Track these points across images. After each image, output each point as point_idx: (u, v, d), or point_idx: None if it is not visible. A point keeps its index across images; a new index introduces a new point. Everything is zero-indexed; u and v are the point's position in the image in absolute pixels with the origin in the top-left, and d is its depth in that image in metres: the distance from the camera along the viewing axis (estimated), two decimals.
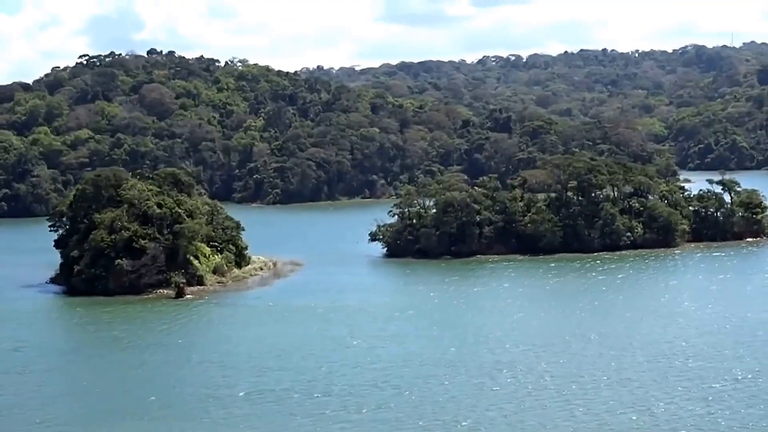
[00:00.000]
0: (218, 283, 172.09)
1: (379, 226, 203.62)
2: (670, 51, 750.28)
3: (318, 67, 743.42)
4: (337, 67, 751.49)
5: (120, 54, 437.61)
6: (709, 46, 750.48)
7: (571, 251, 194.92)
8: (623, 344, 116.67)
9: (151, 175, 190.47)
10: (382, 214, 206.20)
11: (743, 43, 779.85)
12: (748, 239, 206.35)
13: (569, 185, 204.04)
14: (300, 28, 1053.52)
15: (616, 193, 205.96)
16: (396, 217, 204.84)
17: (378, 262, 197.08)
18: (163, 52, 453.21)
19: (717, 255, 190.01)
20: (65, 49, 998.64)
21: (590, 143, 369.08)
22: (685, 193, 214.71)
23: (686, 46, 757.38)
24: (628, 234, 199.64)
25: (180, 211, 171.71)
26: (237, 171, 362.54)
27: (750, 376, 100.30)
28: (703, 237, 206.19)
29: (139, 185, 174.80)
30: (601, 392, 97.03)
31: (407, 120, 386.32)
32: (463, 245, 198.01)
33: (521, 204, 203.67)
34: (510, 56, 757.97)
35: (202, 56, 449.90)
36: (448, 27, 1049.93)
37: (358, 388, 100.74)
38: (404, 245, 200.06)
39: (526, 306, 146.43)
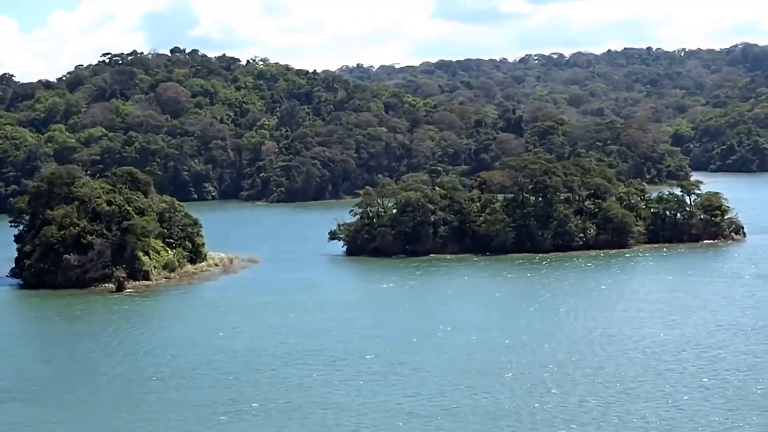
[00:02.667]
0: (165, 278, 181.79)
1: (339, 226, 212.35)
2: (717, 50, 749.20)
3: (358, 65, 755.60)
4: (387, 65, 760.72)
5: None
6: (762, 44, 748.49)
7: (524, 251, 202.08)
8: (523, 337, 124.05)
9: (107, 174, 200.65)
10: None
11: None
12: (706, 241, 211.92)
13: (526, 186, 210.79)
14: (355, 27, 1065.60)
15: (573, 195, 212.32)
16: (357, 216, 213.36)
17: (335, 260, 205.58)
18: (186, 51, 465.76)
19: (657, 256, 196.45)
20: (121, 45, 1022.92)
21: (600, 144, 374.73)
22: (646, 196, 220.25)
23: (737, 45, 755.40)
24: (581, 235, 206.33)
25: (129, 208, 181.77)
26: (247, 169, 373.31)
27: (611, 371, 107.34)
28: (660, 238, 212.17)
29: (91, 183, 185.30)
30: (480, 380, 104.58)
31: (418, 120, 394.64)
32: (418, 244, 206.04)
33: (478, 204, 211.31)
34: (552, 54, 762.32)
35: (224, 54, 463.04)
36: (502, 24, 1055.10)
37: (217, 374, 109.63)
38: (362, 244, 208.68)
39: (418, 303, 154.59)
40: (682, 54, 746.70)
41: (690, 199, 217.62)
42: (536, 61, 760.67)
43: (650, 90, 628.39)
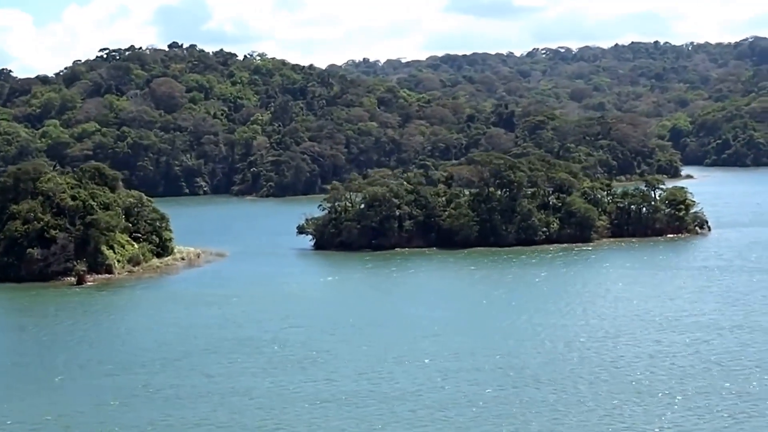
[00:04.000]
0: (128, 272, 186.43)
1: (307, 220, 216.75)
2: (725, 44, 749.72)
3: (364, 59, 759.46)
4: (394, 59, 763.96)
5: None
6: None
7: (487, 245, 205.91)
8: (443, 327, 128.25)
9: (74, 170, 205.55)
10: None
11: None
12: (669, 235, 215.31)
13: (491, 181, 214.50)
14: (369, 20, 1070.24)
15: (538, 190, 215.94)
16: (325, 211, 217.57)
17: (302, 254, 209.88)
18: (184, 46, 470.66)
19: (613, 249, 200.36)
20: (134, 40, 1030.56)
21: (590, 138, 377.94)
22: (611, 190, 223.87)
23: (746, 39, 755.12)
24: (545, 229, 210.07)
25: (93, 203, 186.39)
26: (239, 164, 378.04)
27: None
28: (625, 233, 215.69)
29: (56, 179, 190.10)
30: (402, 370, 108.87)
31: (411, 115, 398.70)
32: (384, 238, 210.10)
33: (443, 199, 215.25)
34: (560, 48, 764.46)
35: (221, 50, 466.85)
36: (517, 18, 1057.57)
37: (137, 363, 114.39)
38: (329, 238, 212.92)
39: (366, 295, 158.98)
40: (690, 48, 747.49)
41: (655, 194, 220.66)
42: (543, 56, 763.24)
43: (654, 84, 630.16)
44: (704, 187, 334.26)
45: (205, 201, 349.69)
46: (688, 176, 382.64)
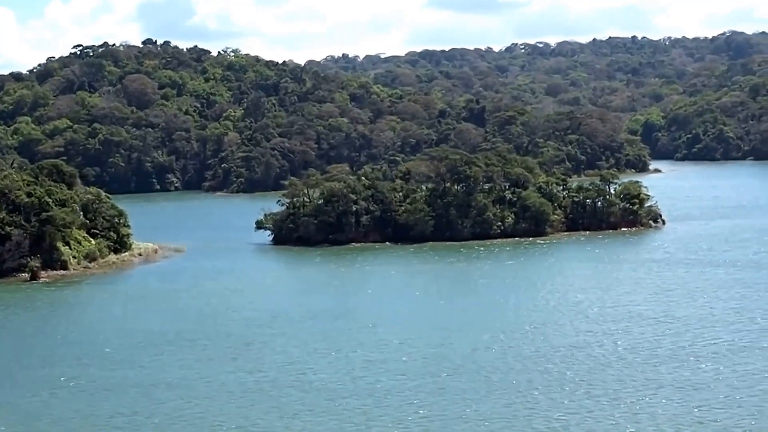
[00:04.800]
0: (84, 268, 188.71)
1: (265, 215, 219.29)
2: (702, 38, 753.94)
3: (344, 55, 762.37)
4: (373, 55, 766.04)
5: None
6: (749, 32, 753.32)
7: (443, 239, 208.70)
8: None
9: (33, 167, 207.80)
10: None
11: None
12: (623, 229, 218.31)
13: (447, 177, 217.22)
14: (353, 15, 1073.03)
15: (494, 185, 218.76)
16: (284, 206, 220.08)
17: (260, 249, 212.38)
18: (158, 42, 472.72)
19: (563, 243, 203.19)
20: (116, 36, 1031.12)
21: (559, 134, 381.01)
22: (567, 185, 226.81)
23: (723, 33, 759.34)
24: (500, 223, 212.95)
25: (49, 200, 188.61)
26: (210, 160, 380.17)
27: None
28: (579, 226, 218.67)
29: (12, 176, 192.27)
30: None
31: (382, 110, 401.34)
32: (341, 233, 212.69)
33: (400, 194, 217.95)
34: (538, 43, 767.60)
35: (195, 46, 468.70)
36: (500, 13, 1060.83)
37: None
38: (287, 233, 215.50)
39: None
40: (667, 43, 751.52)
41: (610, 189, 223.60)
42: (522, 51, 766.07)
43: (630, 79, 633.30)
44: (670, 181, 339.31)
45: (176, 197, 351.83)
46: (656, 170, 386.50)
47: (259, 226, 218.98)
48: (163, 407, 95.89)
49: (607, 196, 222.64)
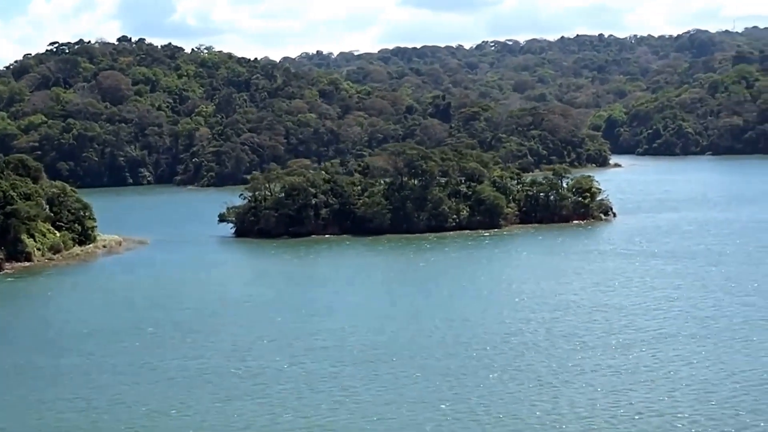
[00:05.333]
0: (48, 260, 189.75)
1: (228, 209, 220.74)
2: (667, 36, 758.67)
3: (318, 52, 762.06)
4: (347, 52, 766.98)
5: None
6: (712, 31, 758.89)
7: (400, 232, 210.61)
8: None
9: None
10: None
11: (745, 28, 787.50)
12: (575, 221, 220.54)
13: (404, 171, 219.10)
14: (330, 13, 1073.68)
15: (450, 179, 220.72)
16: (246, 200, 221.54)
17: (223, 241, 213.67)
18: (133, 40, 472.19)
19: (520, 235, 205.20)
20: (99, 33, 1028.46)
21: (522, 129, 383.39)
22: (521, 179, 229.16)
23: (688, 31, 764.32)
24: (455, 216, 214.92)
25: (13, 194, 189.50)
26: (182, 155, 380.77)
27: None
28: (533, 219, 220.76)
29: None
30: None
31: (350, 106, 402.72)
32: (301, 226, 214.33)
33: (358, 188, 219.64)
34: (508, 41, 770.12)
35: (170, 43, 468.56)
36: (473, 11, 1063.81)
37: None
38: (248, 226, 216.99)
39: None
40: (633, 41, 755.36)
41: (562, 183, 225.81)
42: (492, 48, 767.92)
43: (596, 76, 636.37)
44: (627, 175, 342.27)
45: (147, 191, 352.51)
46: (617, 165, 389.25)
47: (222, 219, 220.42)
48: (106, 392, 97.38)
49: (560, 190, 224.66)
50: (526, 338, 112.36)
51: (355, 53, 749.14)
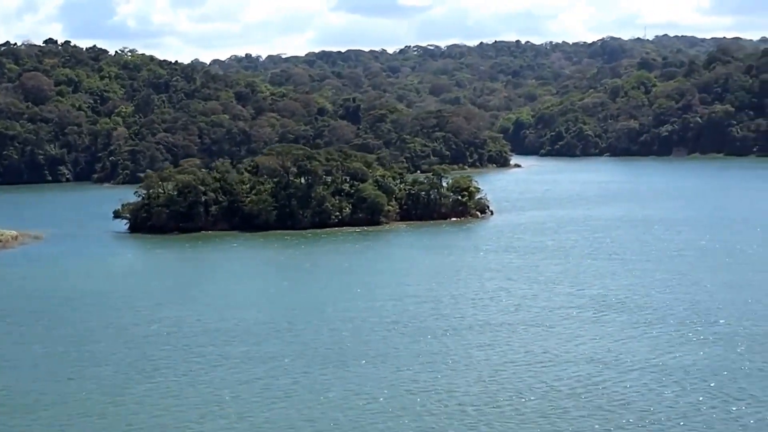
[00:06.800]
0: None
1: (122, 205, 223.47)
2: (581, 43, 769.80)
3: (247, 55, 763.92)
4: (275, 55, 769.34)
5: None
6: (625, 38, 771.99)
7: (285, 228, 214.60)
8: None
9: None
10: None
11: (655, 36, 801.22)
12: (453, 219, 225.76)
13: (291, 170, 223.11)
14: (266, 16, 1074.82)
15: (334, 178, 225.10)
16: (141, 197, 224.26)
17: (117, 236, 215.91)
18: (59, 42, 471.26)
19: (396, 232, 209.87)
20: (40, 34, 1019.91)
21: (426, 131, 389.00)
22: (404, 179, 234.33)
23: (603, 38, 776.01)
24: (337, 213, 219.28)
25: None
26: (100, 153, 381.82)
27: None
28: (413, 216, 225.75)
29: None
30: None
31: (263, 108, 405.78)
32: (191, 222, 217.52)
33: (247, 186, 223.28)
34: (429, 46, 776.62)
35: (95, 46, 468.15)
36: (404, 16, 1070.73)
37: None
38: (141, 222, 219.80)
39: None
40: (548, 47, 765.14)
41: (442, 182, 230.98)
42: (414, 53, 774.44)
43: (510, 80, 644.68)
44: (522, 175, 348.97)
45: (65, 188, 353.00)
46: (516, 165, 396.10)
47: (117, 215, 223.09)
48: None
49: (440, 189, 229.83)
50: (350, 325, 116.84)
51: (283, 56, 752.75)
